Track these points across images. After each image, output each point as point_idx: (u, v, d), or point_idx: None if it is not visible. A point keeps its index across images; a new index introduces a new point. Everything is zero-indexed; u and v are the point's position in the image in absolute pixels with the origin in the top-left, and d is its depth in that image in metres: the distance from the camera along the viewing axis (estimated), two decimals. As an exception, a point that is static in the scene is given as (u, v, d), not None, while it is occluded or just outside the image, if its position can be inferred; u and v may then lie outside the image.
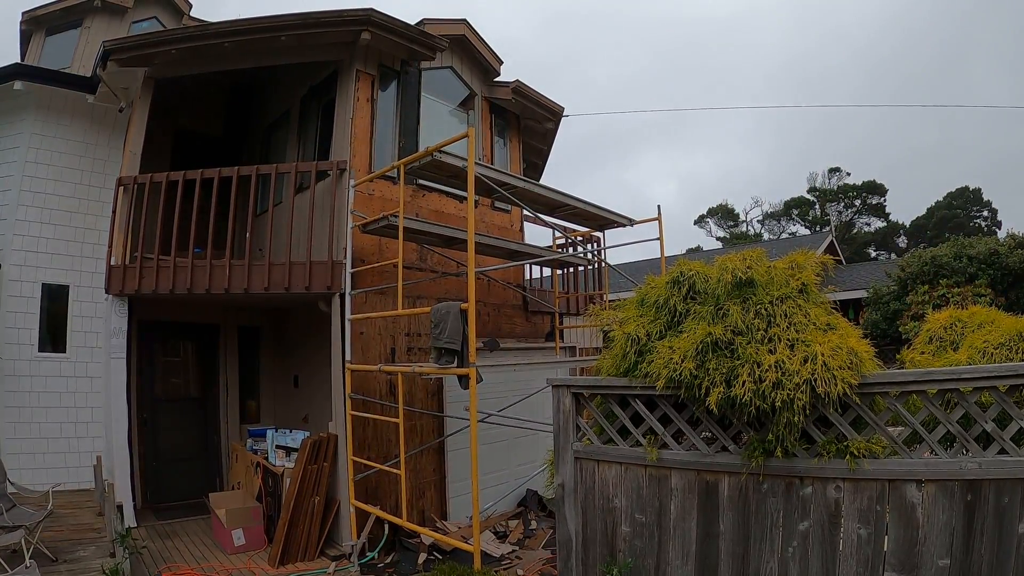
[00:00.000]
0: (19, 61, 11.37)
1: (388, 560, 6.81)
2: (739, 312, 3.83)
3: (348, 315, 6.95)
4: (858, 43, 74.87)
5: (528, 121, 10.54)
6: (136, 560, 6.32)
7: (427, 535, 6.65)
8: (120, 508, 7.03)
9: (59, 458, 8.62)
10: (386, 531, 7.01)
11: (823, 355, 3.43)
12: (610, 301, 7.65)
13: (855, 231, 45.75)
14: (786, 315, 3.76)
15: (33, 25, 11.72)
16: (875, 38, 74.22)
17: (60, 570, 5.88)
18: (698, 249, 40.84)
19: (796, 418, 3.48)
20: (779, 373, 3.49)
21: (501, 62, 9.57)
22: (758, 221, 50.49)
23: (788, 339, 3.64)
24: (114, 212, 7.70)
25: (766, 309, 3.80)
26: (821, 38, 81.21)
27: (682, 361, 3.77)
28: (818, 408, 3.54)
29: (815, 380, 3.40)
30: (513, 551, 7.03)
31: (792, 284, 3.92)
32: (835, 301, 4.20)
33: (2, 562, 5.60)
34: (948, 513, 3.27)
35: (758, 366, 3.56)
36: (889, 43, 72.66)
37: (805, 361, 3.47)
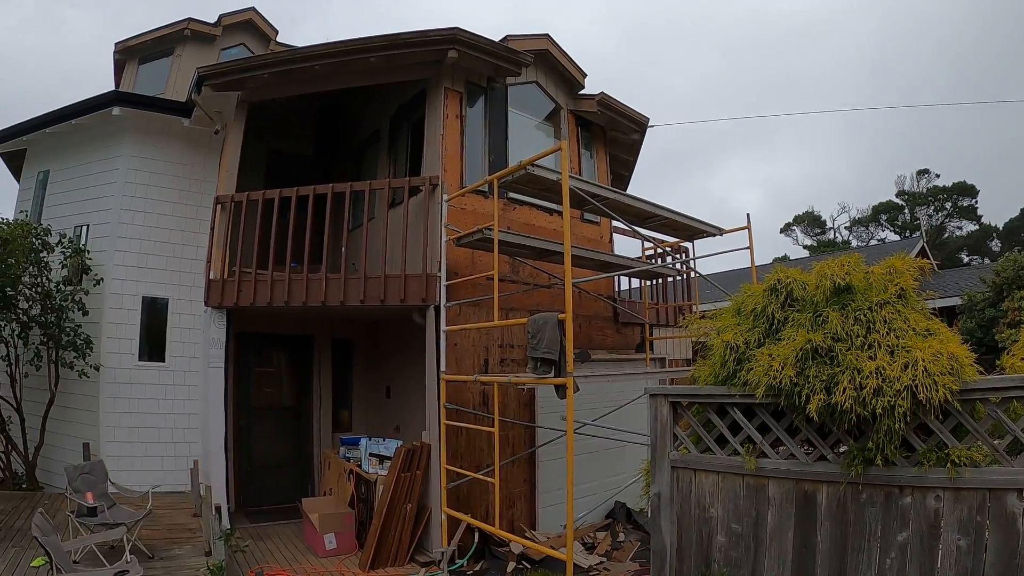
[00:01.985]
0: (115, 88, 12.44)
1: (477, 568, 7.20)
2: (838, 318, 4.00)
3: (443, 327, 7.42)
4: (942, 34, 71.95)
5: (614, 133, 10.89)
6: (230, 560, 6.84)
7: (518, 543, 7.02)
8: (219, 510, 7.63)
9: (156, 461, 9.44)
10: (475, 540, 7.41)
11: (924, 361, 3.56)
12: (703, 312, 7.87)
13: (946, 236, 44.24)
14: (885, 321, 3.90)
15: (126, 55, 12.85)
16: (958, 27, 71.12)
17: (156, 567, 6.44)
18: (785, 258, 40.11)
19: (897, 425, 3.58)
20: (880, 380, 3.62)
21: (585, 75, 9.96)
22: (845, 228, 49.48)
23: (888, 345, 3.79)
24: (212, 229, 8.38)
25: (865, 315, 3.95)
26: (905, 34, 78.49)
27: (782, 368, 3.95)
28: (918, 415, 3.63)
29: (916, 386, 3.51)
30: (601, 563, 7.32)
31: (891, 289, 4.07)
32: (932, 308, 4.32)
33: (101, 556, 6.20)
34: (1050, 523, 3.29)
35: (858, 373, 3.71)
36: (972, 32, 69.43)
37: (905, 367, 3.59)
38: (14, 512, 8.04)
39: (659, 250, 10.56)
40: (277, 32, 13.35)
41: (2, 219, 9.61)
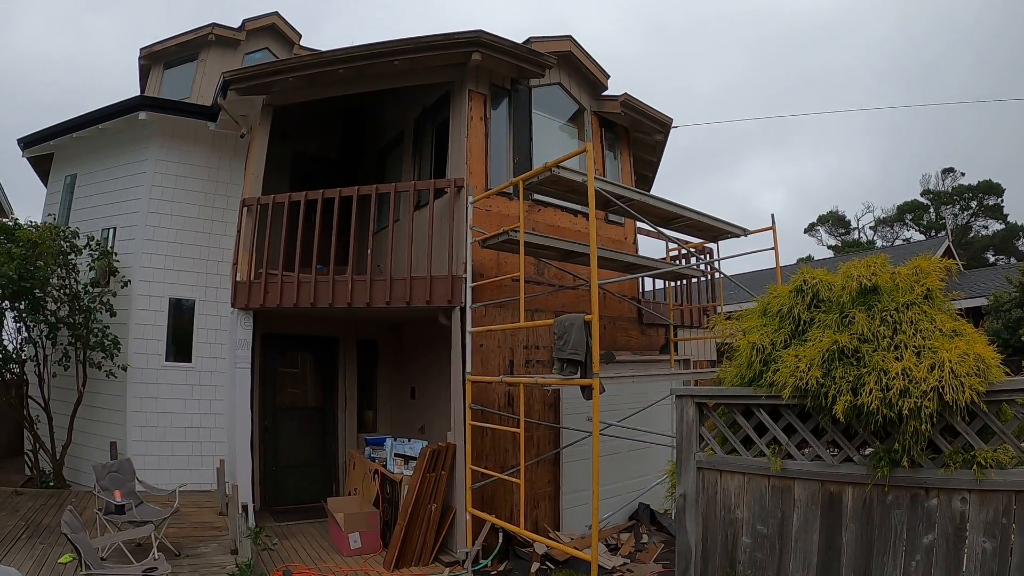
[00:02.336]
0: (140, 94, 12.74)
1: (501, 568, 7.31)
2: (865, 319, 4.06)
3: (469, 328, 7.53)
4: (962, 24, 70.64)
5: (637, 134, 10.95)
6: (256, 558, 6.98)
7: (543, 543, 7.11)
8: (245, 508, 7.79)
9: (182, 460, 9.68)
10: (500, 540, 7.52)
11: (950, 362, 3.62)
12: (727, 313, 7.93)
13: (972, 235, 43.80)
14: (912, 322, 3.96)
15: (151, 60, 13.16)
16: (979, 17, 69.74)
17: (182, 564, 6.60)
18: (809, 259, 39.89)
19: (923, 427, 3.65)
20: (906, 381, 3.69)
21: (608, 76, 10.05)
22: (870, 227, 49.23)
23: (914, 346, 3.85)
24: (239, 231, 8.56)
25: (892, 316, 4.02)
26: (927, 27, 77.22)
27: (808, 369, 4.03)
28: (944, 417, 3.68)
29: (942, 388, 3.57)
30: (624, 564, 7.39)
31: (917, 290, 4.12)
32: (959, 309, 4.36)
33: (128, 553, 6.35)
34: (1076, 525, 3.32)
35: (885, 374, 3.77)
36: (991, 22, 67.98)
37: (932, 368, 3.66)
38: (42, 509, 8.30)
39: (683, 251, 10.61)
40: (300, 36, 13.62)
41: (30, 222, 9.88)
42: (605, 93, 10.19)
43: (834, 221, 50.27)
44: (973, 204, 44.08)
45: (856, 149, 74.19)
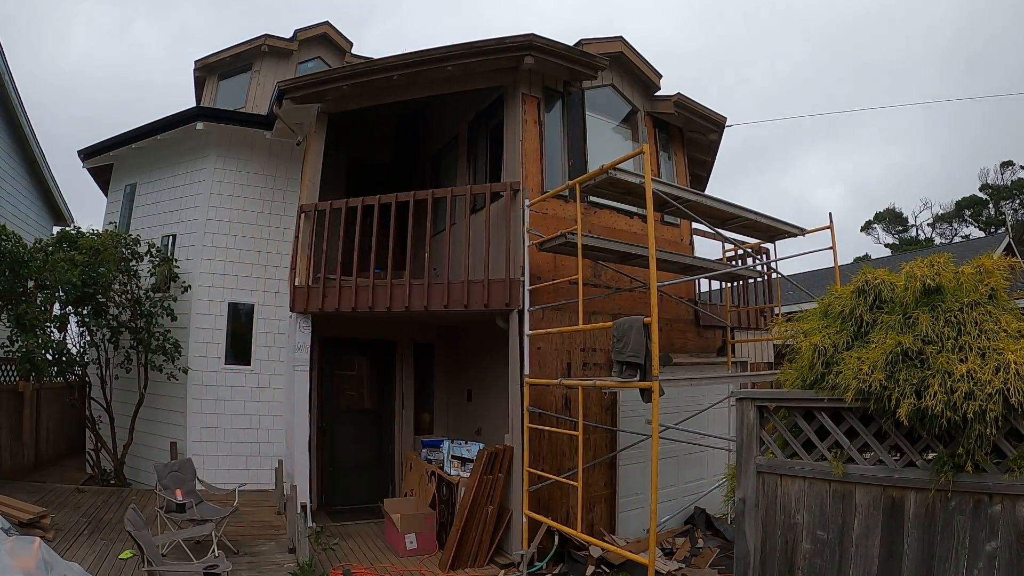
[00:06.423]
0: (196, 104, 13.28)
1: (556, 571, 7.49)
2: (929, 320, 4.05)
3: (527, 331, 7.71)
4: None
5: (691, 133, 11.05)
6: (315, 557, 7.22)
7: (599, 546, 7.23)
8: (304, 508, 8.07)
9: (241, 460, 10.11)
10: (555, 542, 7.68)
11: (1015, 363, 3.61)
12: (785, 314, 7.90)
13: (1032, 230, 42.34)
14: (976, 322, 3.93)
15: (206, 72, 13.73)
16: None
17: (241, 562, 6.89)
18: (866, 257, 39.07)
19: (988, 430, 3.61)
20: (971, 383, 3.66)
21: (660, 76, 10.17)
22: (928, 224, 47.91)
23: (979, 347, 3.82)
24: (297, 237, 8.88)
25: (956, 317, 3.99)
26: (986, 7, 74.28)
27: (872, 372, 4.02)
28: (1010, 420, 3.65)
29: (1008, 390, 3.55)
30: (679, 568, 7.47)
31: (981, 290, 4.09)
32: (1023, 309, 4.33)
33: (188, 551, 6.66)
34: None
35: (949, 376, 3.75)
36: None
37: (997, 370, 3.64)
38: (103, 507, 8.77)
39: (740, 251, 10.61)
40: (352, 44, 14.05)
41: (92, 230, 10.38)
42: (658, 93, 10.30)
43: (891, 218, 49.06)
44: (1033, 198, 42.72)
45: (914, 143, 72.37)
